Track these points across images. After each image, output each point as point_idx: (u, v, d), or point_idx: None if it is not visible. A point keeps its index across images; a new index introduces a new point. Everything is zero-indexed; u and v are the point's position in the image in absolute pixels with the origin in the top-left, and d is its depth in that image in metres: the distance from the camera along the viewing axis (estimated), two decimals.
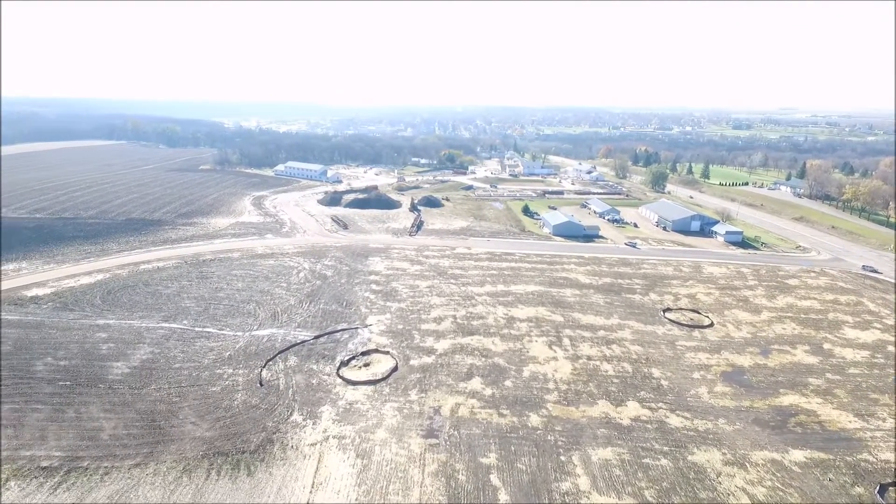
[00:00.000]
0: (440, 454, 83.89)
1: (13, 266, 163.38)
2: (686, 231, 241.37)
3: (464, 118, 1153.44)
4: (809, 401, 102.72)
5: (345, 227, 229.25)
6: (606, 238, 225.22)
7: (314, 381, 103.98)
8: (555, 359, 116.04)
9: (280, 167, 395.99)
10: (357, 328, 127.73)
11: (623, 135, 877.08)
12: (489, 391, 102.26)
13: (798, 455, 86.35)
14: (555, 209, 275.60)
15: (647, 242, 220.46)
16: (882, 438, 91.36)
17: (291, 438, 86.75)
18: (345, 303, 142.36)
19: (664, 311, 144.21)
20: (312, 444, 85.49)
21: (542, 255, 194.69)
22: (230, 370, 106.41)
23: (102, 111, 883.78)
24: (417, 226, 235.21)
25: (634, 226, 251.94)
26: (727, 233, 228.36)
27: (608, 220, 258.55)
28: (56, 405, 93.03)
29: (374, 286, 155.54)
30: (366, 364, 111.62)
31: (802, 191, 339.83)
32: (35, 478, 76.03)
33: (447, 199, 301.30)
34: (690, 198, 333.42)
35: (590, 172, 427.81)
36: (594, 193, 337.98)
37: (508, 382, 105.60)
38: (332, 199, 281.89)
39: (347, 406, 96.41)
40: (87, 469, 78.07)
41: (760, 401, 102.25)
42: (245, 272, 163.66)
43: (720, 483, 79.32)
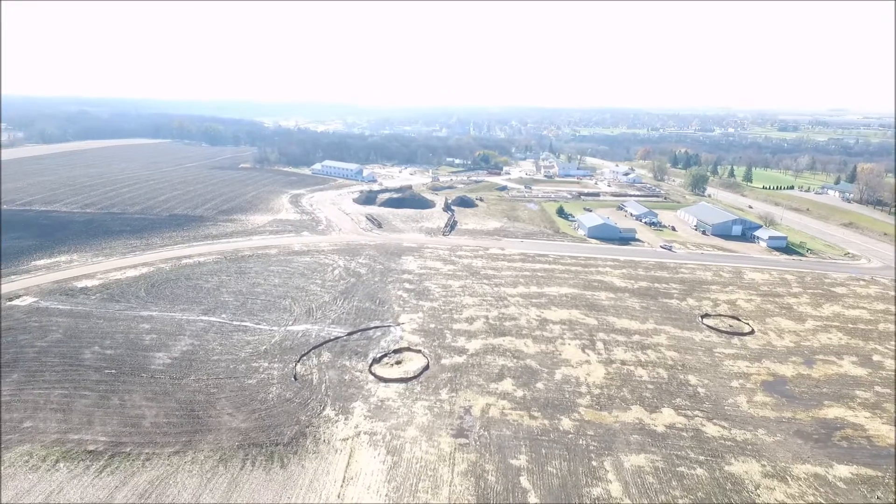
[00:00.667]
0: (470, 454, 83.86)
1: (65, 258, 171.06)
2: (727, 235, 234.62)
3: (499, 119, 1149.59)
4: (856, 414, 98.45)
5: (379, 226, 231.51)
6: (643, 241, 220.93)
7: (347, 378, 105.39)
8: (588, 362, 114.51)
9: (317, 166, 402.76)
10: (389, 326, 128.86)
11: (662, 136, 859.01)
12: (520, 393, 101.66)
13: (843, 470, 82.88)
14: (590, 211, 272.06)
15: (686, 246, 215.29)
16: None
17: (324, 433, 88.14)
18: (378, 301, 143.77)
19: (702, 317, 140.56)
20: (344, 440, 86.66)
21: (577, 258, 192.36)
22: (266, 364, 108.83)
23: (150, 111, 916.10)
24: (451, 226, 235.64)
25: (672, 229, 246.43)
26: (770, 238, 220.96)
27: (645, 223, 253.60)
28: (102, 392, 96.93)
29: (407, 285, 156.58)
30: (397, 362, 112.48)
31: (852, 195, 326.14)
32: (82, 461, 79.42)
33: (481, 200, 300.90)
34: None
35: (627, 174, 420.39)
36: (631, 196, 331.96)
37: (540, 385, 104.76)
38: (367, 198, 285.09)
39: (379, 403, 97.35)
40: (130, 454, 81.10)
41: (803, 412, 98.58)
42: (282, 268, 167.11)
43: (759, 496, 76.80)
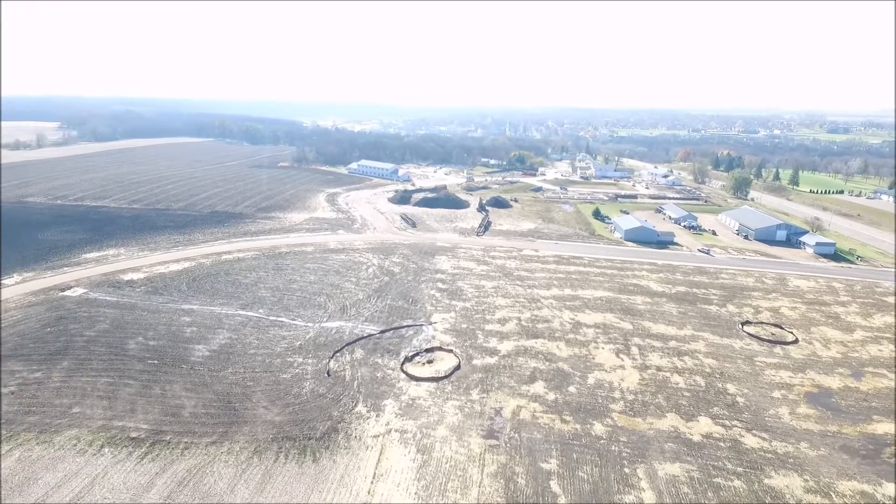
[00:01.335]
0: (500, 455, 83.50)
1: (113, 251, 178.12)
2: (770, 241, 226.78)
3: (535, 119, 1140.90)
4: None
5: (413, 226, 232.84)
6: (682, 245, 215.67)
7: (379, 375, 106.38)
8: (622, 367, 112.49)
9: (353, 165, 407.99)
10: (422, 325, 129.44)
11: (703, 138, 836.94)
12: (552, 396, 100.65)
13: (893, 490, 79.02)
14: (627, 213, 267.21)
15: (727, 251, 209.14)
16: None
17: (355, 429, 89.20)
18: (411, 300, 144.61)
19: (743, 325, 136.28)
20: (375, 436, 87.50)
21: (612, 261, 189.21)
22: (300, 359, 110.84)
23: (193, 110, 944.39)
24: (485, 226, 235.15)
25: (713, 233, 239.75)
26: (817, 244, 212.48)
27: (684, 227, 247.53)
28: (145, 381, 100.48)
29: (440, 284, 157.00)
30: (429, 361, 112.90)
31: None
32: (125, 447, 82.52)
33: (515, 201, 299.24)
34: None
35: (666, 176, 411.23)
36: (670, 198, 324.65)
37: (572, 388, 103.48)
38: (402, 198, 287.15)
39: (410, 401, 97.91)
40: (170, 443, 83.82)
41: (850, 426, 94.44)
42: (317, 266, 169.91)
43: None
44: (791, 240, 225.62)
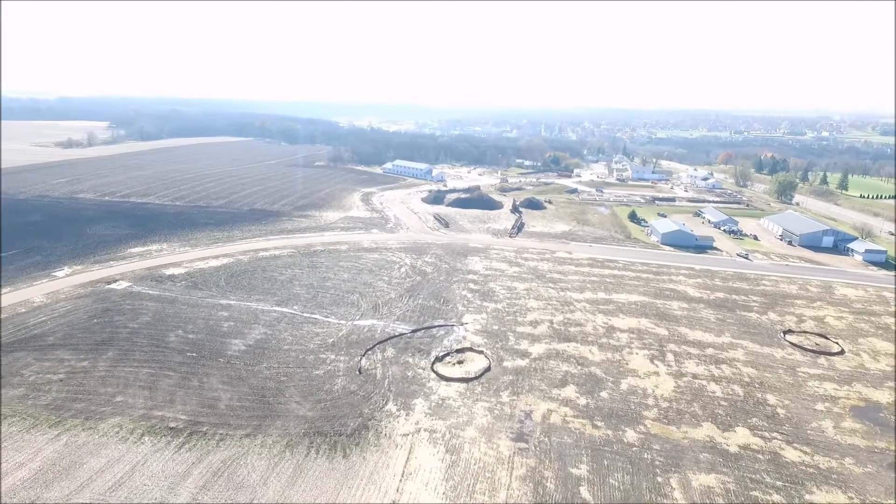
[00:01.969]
0: (529, 459, 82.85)
1: (156, 246, 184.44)
2: (816, 247, 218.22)
3: (571, 120, 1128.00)
4: None
5: (446, 226, 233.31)
6: (721, 250, 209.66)
7: (409, 374, 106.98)
8: (656, 374, 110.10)
9: (388, 165, 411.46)
10: (453, 325, 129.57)
11: (746, 139, 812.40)
12: (583, 401, 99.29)
13: None
14: (664, 216, 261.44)
15: (769, 257, 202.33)
16: None
17: (385, 427, 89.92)
18: (442, 300, 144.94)
19: (784, 333, 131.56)
20: (404, 435, 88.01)
21: (648, 265, 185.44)
22: (333, 356, 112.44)
23: (235, 110, 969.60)
24: (518, 227, 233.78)
25: (755, 238, 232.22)
26: (867, 251, 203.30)
27: (724, 231, 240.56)
28: (184, 374, 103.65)
29: (472, 285, 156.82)
30: (459, 361, 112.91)
31: None
32: (164, 436, 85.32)
33: (550, 202, 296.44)
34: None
35: (706, 179, 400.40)
36: (709, 202, 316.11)
37: (604, 394, 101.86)
38: (436, 198, 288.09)
39: (440, 401, 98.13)
40: (206, 434, 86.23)
41: None
42: (351, 264, 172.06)
43: None
44: (838, 246, 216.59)
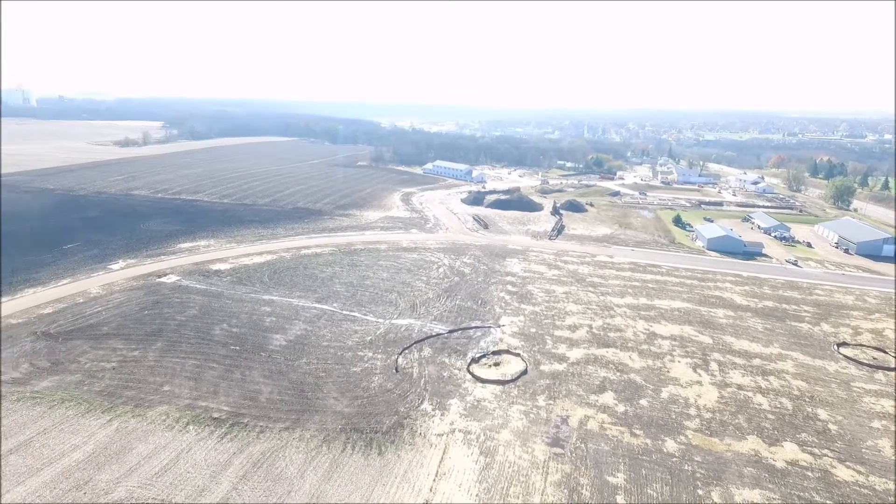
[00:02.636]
0: (564, 465, 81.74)
1: (204, 242, 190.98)
2: (875, 256, 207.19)
3: (615, 121, 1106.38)
4: None
5: (485, 227, 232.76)
6: (771, 257, 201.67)
7: (445, 374, 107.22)
8: (699, 383, 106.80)
9: (428, 165, 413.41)
10: (490, 327, 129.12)
11: (801, 142, 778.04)
12: (622, 408, 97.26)
13: None
14: (711, 221, 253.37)
15: (823, 265, 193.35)
16: None
17: (420, 426, 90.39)
18: (480, 301, 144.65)
19: (838, 346, 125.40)
20: (439, 435, 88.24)
21: (693, 270, 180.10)
22: (370, 354, 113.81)
23: (280, 111, 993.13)
24: (558, 230, 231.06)
25: (808, 245, 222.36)
26: None
27: (775, 237, 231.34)
28: (227, 366, 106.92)
29: (510, 287, 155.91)
30: (496, 363, 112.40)
31: None
32: (207, 426, 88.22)
33: (591, 205, 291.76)
34: None
35: (756, 183, 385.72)
36: (760, 207, 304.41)
37: (644, 402, 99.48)
38: (475, 199, 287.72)
39: (475, 402, 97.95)
40: (247, 425, 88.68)
41: None
42: (390, 263, 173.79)
43: None
44: None
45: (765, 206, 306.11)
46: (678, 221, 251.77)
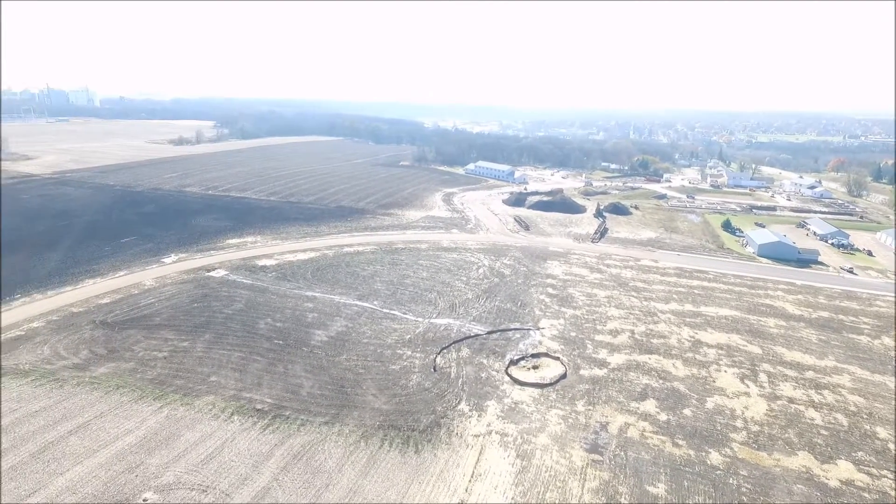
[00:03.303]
0: (603, 472, 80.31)
1: (251, 238, 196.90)
2: None
3: (663, 122, 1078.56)
4: None
5: (526, 228, 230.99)
6: (827, 265, 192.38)
7: (483, 375, 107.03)
8: (746, 394, 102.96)
9: (470, 166, 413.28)
10: (529, 329, 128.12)
11: (863, 145, 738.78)
12: (664, 416, 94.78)
13: None
14: (762, 226, 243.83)
15: (885, 275, 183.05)
16: None
17: (457, 426, 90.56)
18: (519, 303, 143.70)
19: None
20: (476, 436, 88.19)
21: (742, 277, 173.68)
22: (409, 352, 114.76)
23: (326, 111, 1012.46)
24: (601, 233, 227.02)
25: (868, 253, 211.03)
26: None
27: (832, 245, 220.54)
28: (271, 359, 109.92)
29: (550, 290, 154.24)
30: (534, 366, 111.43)
31: None
32: (251, 416, 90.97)
33: (636, 208, 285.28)
34: None
35: (812, 188, 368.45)
36: (816, 212, 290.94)
37: (687, 411, 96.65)
38: (517, 200, 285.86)
39: (513, 405, 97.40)
40: (288, 418, 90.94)
41: None
42: (430, 263, 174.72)
43: None
44: None
45: (821, 212, 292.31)
46: (728, 226, 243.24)
